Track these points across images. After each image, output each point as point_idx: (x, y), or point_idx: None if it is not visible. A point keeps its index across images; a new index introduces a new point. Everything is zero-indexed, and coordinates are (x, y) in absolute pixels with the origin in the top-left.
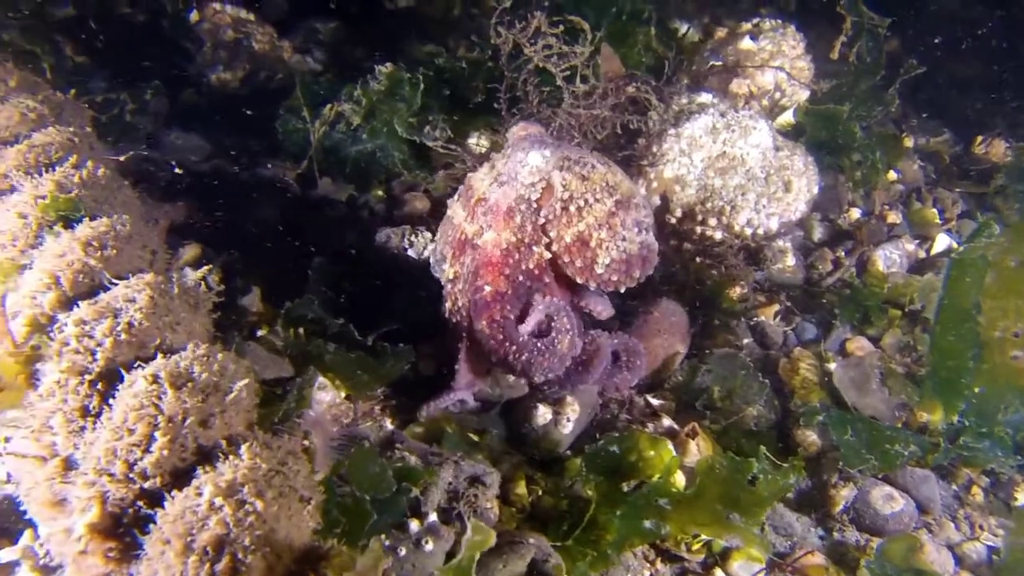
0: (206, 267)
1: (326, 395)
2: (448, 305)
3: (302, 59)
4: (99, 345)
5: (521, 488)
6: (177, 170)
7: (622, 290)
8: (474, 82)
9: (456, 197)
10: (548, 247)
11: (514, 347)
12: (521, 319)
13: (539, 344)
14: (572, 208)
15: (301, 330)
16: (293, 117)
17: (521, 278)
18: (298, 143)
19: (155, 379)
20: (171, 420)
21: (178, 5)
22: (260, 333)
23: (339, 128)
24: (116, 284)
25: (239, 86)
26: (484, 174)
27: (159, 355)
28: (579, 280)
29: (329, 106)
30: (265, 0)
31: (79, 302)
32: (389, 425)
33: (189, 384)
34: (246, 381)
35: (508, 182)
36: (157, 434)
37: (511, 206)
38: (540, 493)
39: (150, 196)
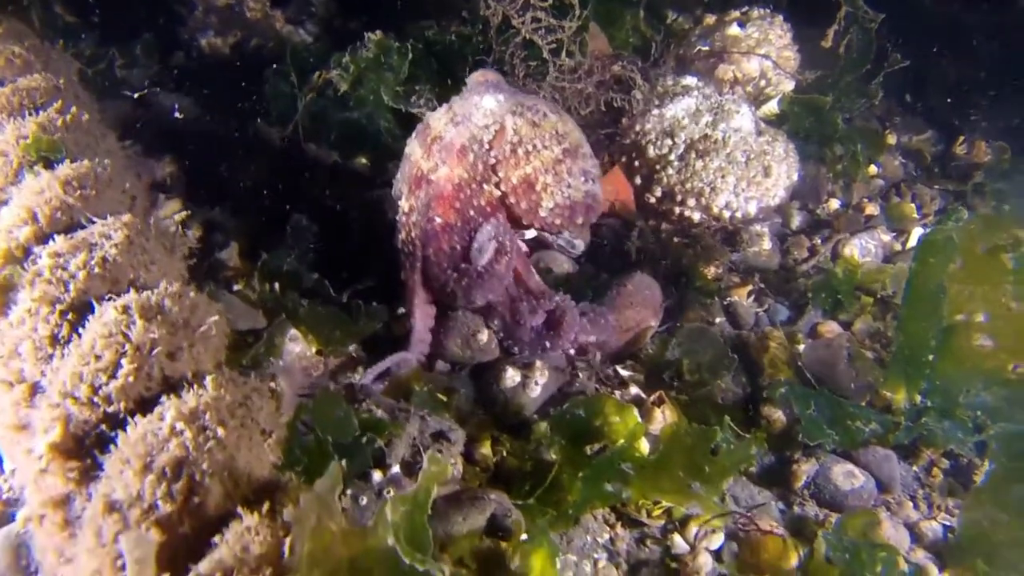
0: (183, 213)
1: (296, 347)
2: (402, 236)
3: (294, 30)
4: (72, 277)
5: (486, 448)
6: (178, 114)
7: (564, 234)
8: (463, 55)
9: (414, 135)
10: (498, 186)
11: (455, 273)
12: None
13: (479, 268)
14: (520, 151)
15: (276, 284)
16: (282, 82)
17: (472, 213)
18: (285, 108)
19: (125, 309)
20: (139, 349)
21: None
22: (236, 288)
23: (327, 95)
24: (94, 223)
25: (229, 52)
26: (441, 114)
27: (132, 291)
28: (524, 221)
29: (318, 73)
30: None
31: (55, 236)
32: (361, 379)
33: (159, 317)
34: (216, 318)
35: (463, 122)
36: (124, 361)
37: (464, 144)
38: (505, 454)
39: (139, 150)
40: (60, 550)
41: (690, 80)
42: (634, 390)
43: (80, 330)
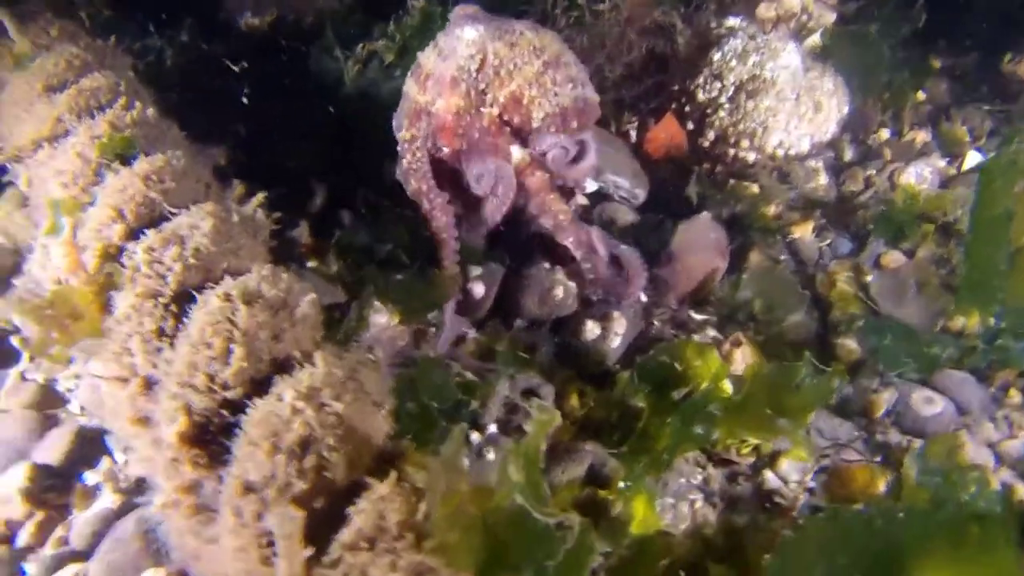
0: (259, 196)
1: (381, 318)
2: (407, 159)
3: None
4: (169, 270)
5: (574, 400)
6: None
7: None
8: (505, 11)
9: (409, 75)
10: (492, 107)
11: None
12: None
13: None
14: (503, 72)
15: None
16: (326, 56)
17: (477, 135)
18: (331, 83)
19: (227, 297)
20: (246, 333)
21: None
22: (310, 264)
23: (372, 66)
24: (177, 214)
25: (268, 30)
26: (430, 52)
27: (227, 277)
28: (523, 133)
29: (362, 44)
30: None
31: (145, 231)
32: (440, 345)
33: (259, 300)
34: (312, 296)
35: (449, 56)
36: (234, 347)
37: (454, 76)
38: (592, 405)
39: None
40: (196, 532)
41: (733, 21)
42: (711, 333)
43: (184, 320)
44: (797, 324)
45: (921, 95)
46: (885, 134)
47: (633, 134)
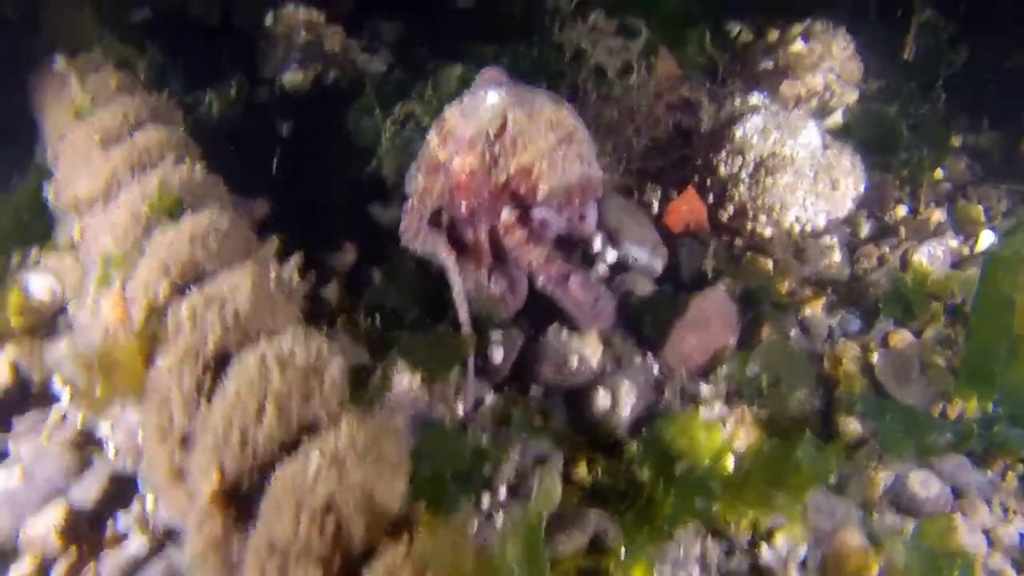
0: (296, 259)
1: (404, 378)
2: (413, 200)
3: (369, 59)
4: (210, 331)
5: (582, 468)
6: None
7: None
8: (536, 82)
9: (432, 126)
10: (502, 173)
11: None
12: (495, 233)
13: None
14: (519, 142)
15: (378, 318)
16: (364, 115)
17: (487, 195)
18: (368, 140)
19: (263, 359)
20: (279, 396)
21: (255, 8)
22: (338, 321)
23: (409, 127)
24: (221, 273)
25: (310, 87)
26: (454, 108)
27: (262, 338)
28: (527, 203)
29: (400, 104)
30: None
31: (189, 288)
32: (461, 408)
33: (292, 364)
34: (340, 362)
35: (471, 116)
36: (267, 407)
37: (473, 137)
38: (600, 473)
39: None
40: None
41: (757, 98)
42: (718, 407)
43: (222, 379)
44: (802, 401)
45: (940, 173)
46: (902, 211)
47: (655, 204)
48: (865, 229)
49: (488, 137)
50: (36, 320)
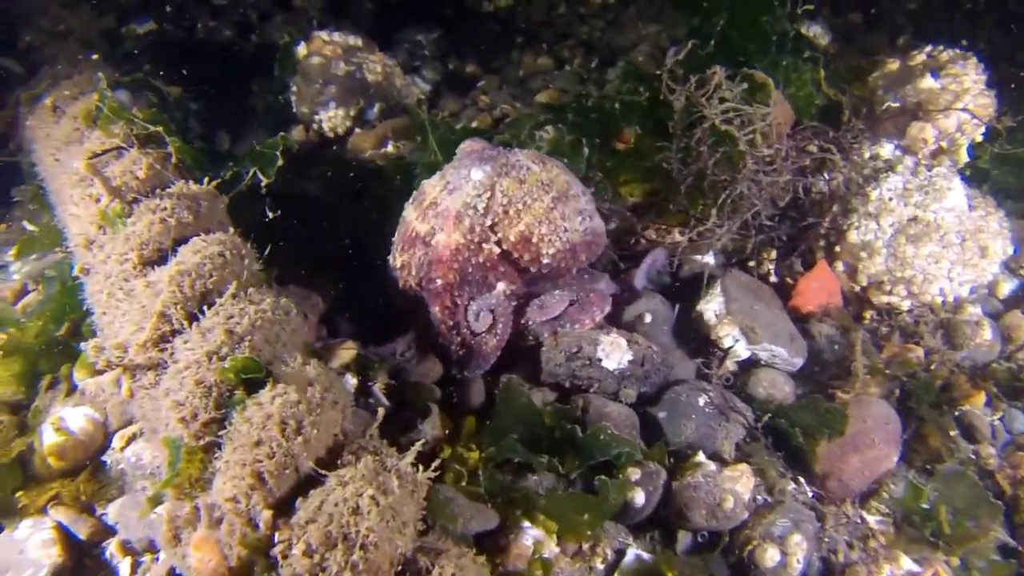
0: (382, 410)
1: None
2: (401, 284)
3: (410, 81)
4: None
5: None
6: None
7: (574, 272)
8: (626, 124)
9: (411, 200)
10: (499, 244)
11: (456, 334)
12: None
13: (475, 331)
14: (512, 211)
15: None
16: (425, 172)
17: (471, 270)
18: None
19: None
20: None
21: (285, 38)
22: (442, 457)
23: None
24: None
25: (352, 124)
26: (436, 181)
27: None
28: (532, 269)
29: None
30: (352, 10)
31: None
32: (599, 566)
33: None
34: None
35: (456, 190)
36: None
37: (459, 211)
38: None
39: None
40: None
41: (887, 150)
42: (905, 563)
43: None
44: (996, 538)
45: None
46: None
47: (772, 271)
48: (1006, 288)
49: (477, 210)
50: (81, 456)
